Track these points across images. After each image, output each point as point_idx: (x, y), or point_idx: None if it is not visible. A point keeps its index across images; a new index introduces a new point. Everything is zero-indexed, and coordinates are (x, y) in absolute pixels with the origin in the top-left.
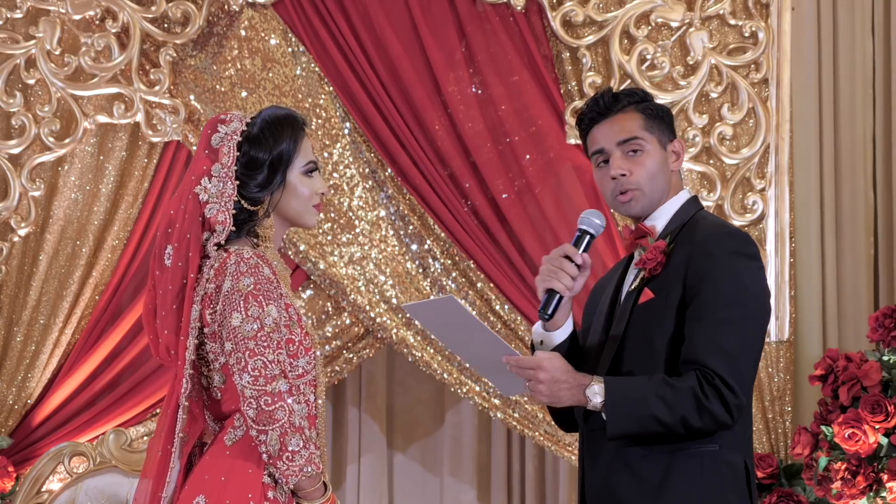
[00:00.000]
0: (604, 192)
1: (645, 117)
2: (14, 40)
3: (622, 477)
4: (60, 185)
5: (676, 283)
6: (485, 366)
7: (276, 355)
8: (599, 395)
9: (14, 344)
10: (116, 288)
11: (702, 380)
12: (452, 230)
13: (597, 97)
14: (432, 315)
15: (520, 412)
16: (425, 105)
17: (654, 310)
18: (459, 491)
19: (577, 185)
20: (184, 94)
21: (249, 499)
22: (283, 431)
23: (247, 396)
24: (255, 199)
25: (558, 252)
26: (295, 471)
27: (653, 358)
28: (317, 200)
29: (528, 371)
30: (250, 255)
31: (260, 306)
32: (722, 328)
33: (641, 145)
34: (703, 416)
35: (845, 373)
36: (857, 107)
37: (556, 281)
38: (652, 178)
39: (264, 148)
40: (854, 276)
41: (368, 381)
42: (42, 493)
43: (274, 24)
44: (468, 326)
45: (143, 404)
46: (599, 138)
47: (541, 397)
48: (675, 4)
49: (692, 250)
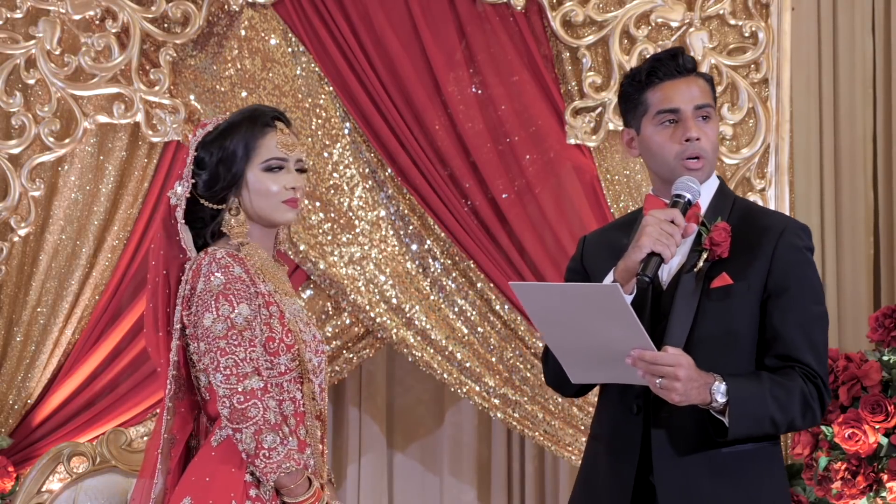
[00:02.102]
0: (664, 152)
1: (709, 86)
2: (14, 40)
3: (712, 477)
4: (60, 185)
5: (757, 271)
6: (598, 358)
7: (249, 353)
8: (723, 394)
9: (14, 344)
10: (116, 288)
11: (806, 380)
12: (452, 230)
13: (673, 53)
14: (557, 298)
15: (520, 412)
16: (425, 105)
17: (733, 296)
18: (459, 491)
19: (577, 185)
20: (184, 94)
21: (231, 498)
22: (258, 429)
23: (220, 395)
24: (213, 198)
25: (665, 216)
26: (273, 468)
27: (732, 346)
28: (286, 196)
29: (667, 368)
30: (222, 255)
31: (230, 305)
32: (814, 326)
33: (711, 113)
34: (806, 417)
35: (845, 373)
36: (857, 107)
37: (666, 247)
38: (715, 148)
39: (213, 147)
40: (854, 276)
41: (368, 381)
42: (42, 493)
43: (274, 24)
44: (611, 317)
45: (143, 404)
46: (675, 97)
47: (673, 395)
48: (675, 4)
49: (771, 240)
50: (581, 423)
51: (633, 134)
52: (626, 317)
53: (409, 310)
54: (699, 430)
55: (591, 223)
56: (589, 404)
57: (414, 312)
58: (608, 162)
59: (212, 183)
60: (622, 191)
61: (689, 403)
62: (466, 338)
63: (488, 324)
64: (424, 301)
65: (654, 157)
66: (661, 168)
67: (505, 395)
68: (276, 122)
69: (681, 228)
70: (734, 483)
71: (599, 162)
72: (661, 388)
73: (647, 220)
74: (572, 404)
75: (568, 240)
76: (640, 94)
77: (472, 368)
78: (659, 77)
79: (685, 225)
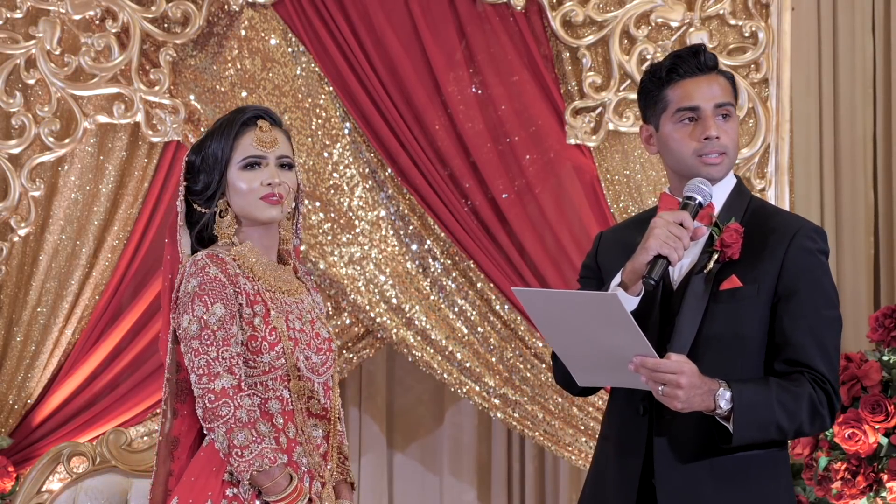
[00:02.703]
0: (682, 150)
1: (731, 84)
2: (14, 40)
3: (714, 481)
4: (60, 185)
5: (767, 274)
6: (602, 362)
7: (221, 353)
8: (728, 401)
9: (14, 344)
10: (116, 288)
11: (815, 386)
12: (452, 230)
13: (694, 50)
14: (559, 304)
15: (520, 412)
16: (425, 105)
17: (742, 299)
18: (459, 491)
19: (577, 185)
20: (184, 94)
21: (208, 497)
22: (229, 428)
23: (196, 395)
24: (203, 202)
25: (674, 218)
26: (245, 466)
27: (740, 350)
28: (262, 192)
29: (669, 376)
30: (201, 258)
31: (205, 305)
32: (825, 330)
33: (731, 112)
34: (815, 423)
35: (845, 373)
36: (857, 107)
37: (673, 250)
38: (735, 146)
39: (199, 152)
40: (854, 276)
41: (368, 381)
42: (42, 493)
43: (274, 24)
44: (611, 324)
45: (143, 404)
46: (695, 94)
47: (675, 403)
48: (675, 4)
49: (783, 243)
50: (581, 424)
51: (652, 131)
52: (627, 325)
53: (409, 310)
54: (703, 433)
55: (591, 223)
56: (589, 404)
57: (414, 312)
58: (608, 162)
59: (200, 187)
60: (622, 191)
61: (692, 410)
62: (466, 338)
63: (488, 324)
64: (424, 301)
65: (672, 154)
66: (678, 165)
67: (505, 395)
68: (258, 121)
69: (689, 231)
70: (736, 487)
71: (599, 162)
72: (663, 395)
73: (655, 222)
74: (572, 404)
75: (568, 240)
76: (659, 91)
77: (472, 368)
78: (679, 74)
79: (694, 227)
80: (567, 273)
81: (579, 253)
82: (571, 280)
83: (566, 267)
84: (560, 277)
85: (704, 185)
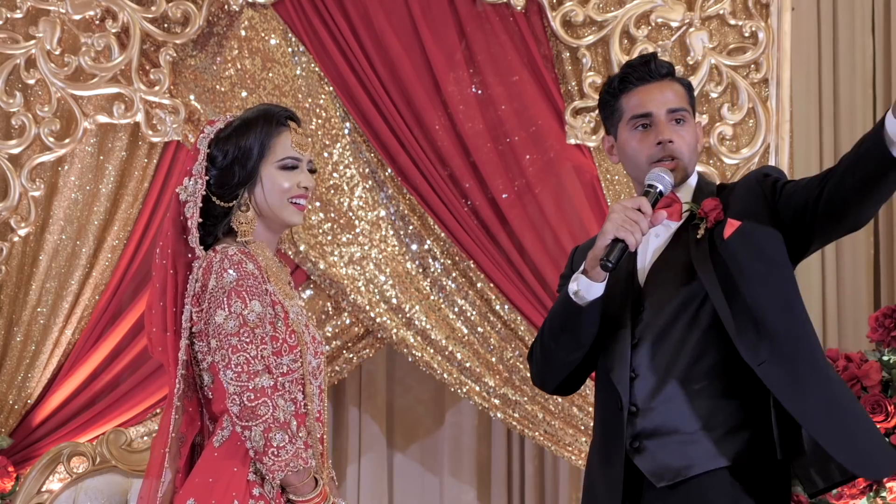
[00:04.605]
0: (638, 156)
1: (685, 90)
2: (14, 40)
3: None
4: (60, 185)
5: (753, 205)
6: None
7: (260, 351)
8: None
9: (14, 344)
10: (116, 288)
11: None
12: (452, 230)
13: (646, 59)
14: None
15: (520, 412)
16: (425, 105)
17: (750, 231)
18: (459, 491)
19: (577, 185)
20: (184, 94)
21: (234, 497)
22: (267, 427)
23: (230, 393)
24: (224, 196)
25: (632, 204)
26: (281, 466)
27: (773, 272)
28: (294, 193)
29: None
30: (234, 252)
31: (243, 302)
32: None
33: (685, 116)
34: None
35: (845, 373)
36: (857, 107)
37: (630, 234)
38: (691, 150)
39: (228, 144)
40: (854, 276)
41: (368, 381)
42: (42, 493)
43: (274, 24)
44: None
45: (143, 404)
46: (647, 102)
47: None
48: (675, 4)
49: (749, 184)
50: (581, 423)
51: (613, 141)
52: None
53: (409, 310)
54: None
55: (591, 223)
56: (589, 405)
57: (414, 312)
58: (608, 162)
59: (224, 180)
60: (622, 191)
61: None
62: (466, 338)
63: (488, 324)
64: (424, 301)
65: (629, 161)
66: (636, 172)
67: (505, 395)
68: (290, 122)
69: (648, 216)
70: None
71: (599, 162)
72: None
73: (612, 207)
74: (572, 404)
75: (568, 240)
76: (615, 101)
77: (472, 368)
78: (632, 83)
79: (652, 213)
80: None
81: None
82: None
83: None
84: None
85: (665, 174)
